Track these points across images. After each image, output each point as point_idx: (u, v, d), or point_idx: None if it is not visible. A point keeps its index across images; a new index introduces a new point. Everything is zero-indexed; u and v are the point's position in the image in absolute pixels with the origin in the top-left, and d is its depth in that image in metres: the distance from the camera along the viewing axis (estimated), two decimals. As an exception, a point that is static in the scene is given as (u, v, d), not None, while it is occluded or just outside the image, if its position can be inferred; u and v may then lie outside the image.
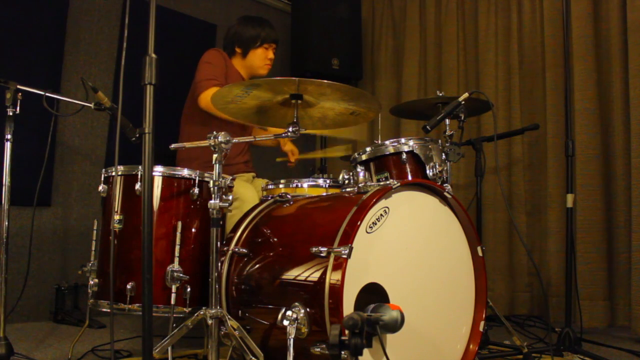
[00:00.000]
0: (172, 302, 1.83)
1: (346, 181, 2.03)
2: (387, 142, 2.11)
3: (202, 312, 1.69)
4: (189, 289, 1.88)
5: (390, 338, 1.53)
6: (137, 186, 1.90)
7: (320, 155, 2.84)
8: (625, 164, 2.77)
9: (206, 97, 2.49)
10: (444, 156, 2.08)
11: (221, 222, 1.78)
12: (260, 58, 2.77)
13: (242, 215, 2.00)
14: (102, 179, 2.03)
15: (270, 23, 2.84)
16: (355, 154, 2.18)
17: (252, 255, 1.82)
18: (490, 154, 2.89)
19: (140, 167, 1.78)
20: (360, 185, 1.77)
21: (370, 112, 2.00)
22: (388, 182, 1.71)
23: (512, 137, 3.19)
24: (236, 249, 1.85)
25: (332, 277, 1.49)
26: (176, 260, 1.87)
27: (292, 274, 1.64)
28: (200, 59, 2.69)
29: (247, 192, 2.34)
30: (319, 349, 1.49)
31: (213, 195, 1.73)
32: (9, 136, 1.89)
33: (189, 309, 1.89)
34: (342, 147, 2.95)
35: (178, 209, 1.95)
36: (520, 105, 3.33)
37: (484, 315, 1.85)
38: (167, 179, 1.95)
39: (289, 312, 1.52)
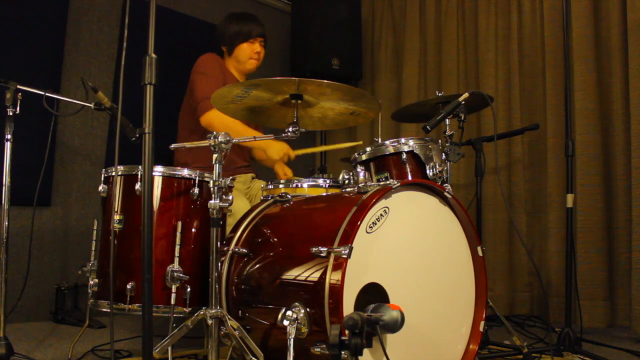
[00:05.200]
0: (172, 302, 1.83)
1: (346, 181, 2.03)
2: (387, 142, 2.11)
3: (202, 312, 1.69)
4: (189, 289, 1.88)
5: (390, 338, 1.53)
6: (137, 186, 1.90)
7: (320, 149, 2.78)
8: (625, 164, 2.77)
9: (207, 119, 2.53)
10: (444, 156, 2.08)
11: (221, 222, 1.78)
12: (246, 53, 2.74)
13: (242, 215, 2.00)
14: (102, 179, 2.03)
15: (254, 17, 2.79)
16: (355, 154, 2.18)
17: (252, 255, 1.82)
18: (490, 154, 2.89)
19: (140, 167, 1.78)
20: (360, 185, 1.77)
21: (370, 112, 2.00)
22: (388, 182, 1.70)
23: (512, 137, 3.20)
24: (236, 249, 1.85)
25: (332, 277, 1.49)
26: (176, 260, 1.86)
27: (292, 274, 1.64)
28: (194, 66, 2.65)
29: (240, 203, 2.33)
30: (319, 349, 1.49)
31: (213, 195, 1.73)
32: (9, 136, 1.89)
33: (189, 309, 1.89)
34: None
35: (178, 209, 1.95)
36: (520, 105, 3.33)
37: (484, 315, 1.85)
38: (167, 179, 1.95)
39: (289, 312, 1.52)
